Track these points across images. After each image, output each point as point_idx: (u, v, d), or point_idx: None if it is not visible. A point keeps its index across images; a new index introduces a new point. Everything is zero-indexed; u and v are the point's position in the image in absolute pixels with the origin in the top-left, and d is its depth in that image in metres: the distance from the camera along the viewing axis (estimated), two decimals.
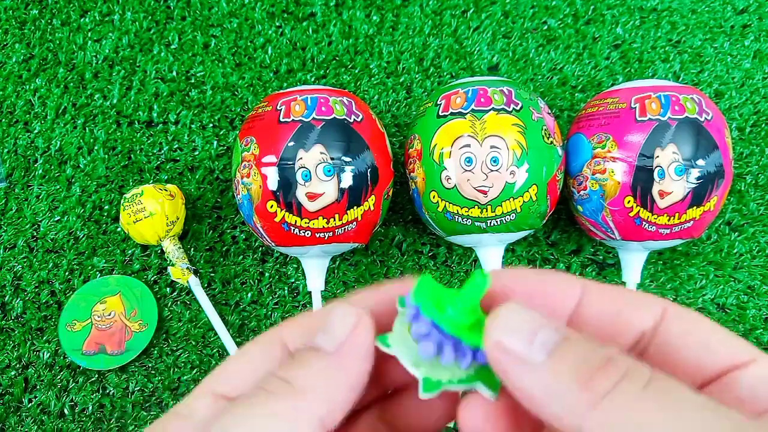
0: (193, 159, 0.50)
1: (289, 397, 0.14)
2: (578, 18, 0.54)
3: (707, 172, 0.38)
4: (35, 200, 0.49)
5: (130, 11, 0.55)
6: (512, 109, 0.39)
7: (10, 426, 0.43)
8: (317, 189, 0.39)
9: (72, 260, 0.47)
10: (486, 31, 0.54)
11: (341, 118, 0.40)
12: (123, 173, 0.50)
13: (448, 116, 0.40)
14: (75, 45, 0.54)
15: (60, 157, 0.50)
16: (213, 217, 0.49)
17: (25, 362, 0.45)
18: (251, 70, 0.53)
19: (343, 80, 0.53)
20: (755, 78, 0.52)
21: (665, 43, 0.54)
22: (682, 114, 0.39)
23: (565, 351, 0.14)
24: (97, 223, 0.49)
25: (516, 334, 0.14)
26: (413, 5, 0.55)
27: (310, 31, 0.54)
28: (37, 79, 0.53)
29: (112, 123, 0.51)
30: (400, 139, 0.51)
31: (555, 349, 0.14)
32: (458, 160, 0.39)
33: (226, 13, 0.55)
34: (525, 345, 0.14)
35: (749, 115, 0.51)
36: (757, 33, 0.54)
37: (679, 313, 0.15)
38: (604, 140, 0.40)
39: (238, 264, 0.47)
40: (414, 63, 0.53)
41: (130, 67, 0.53)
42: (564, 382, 0.13)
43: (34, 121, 0.52)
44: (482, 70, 0.53)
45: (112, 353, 0.44)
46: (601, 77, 0.52)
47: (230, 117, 0.52)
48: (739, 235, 0.48)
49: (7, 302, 0.46)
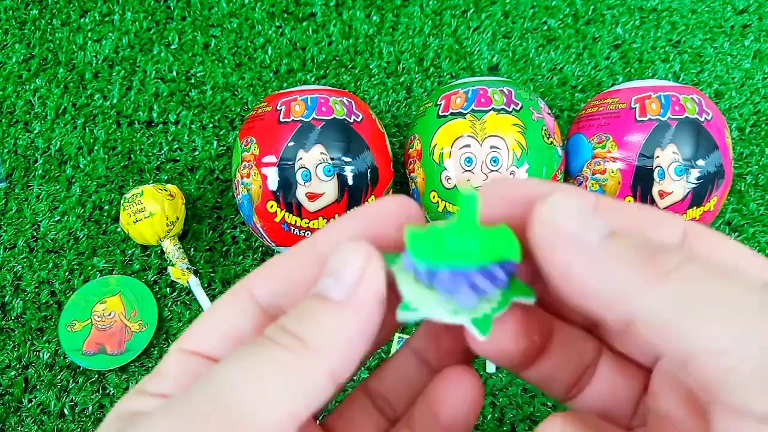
0: (193, 159, 0.50)
1: (301, 353, 0.13)
2: (578, 18, 0.54)
3: (707, 172, 0.38)
4: (35, 200, 0.49)
5: (130, 11, 0.55)
6: (512, 109, 0.39)
7: (10, 426, 0.43)
8: (317, 189, 0.39)
9: (72, 260, 0.47)
10: (486, 31, 0.54)
11: (341, 118, 0.40)
12: (123, 173, 0.50)
13: (448, 116, 0.40)
14: (75, 45, 0.54)
15: (60, 157, 0.50)
16: (213, 217, 0.49)
17: (25, 362, 0.45)
18: (251, 70, 0.53)
19: (343, 80, 0.53)
20: (755, 78, 0.52)
21: (665, 43, 0.54)
22: (682, 114, 0.39)
23: (621, 235, 0.13)
24: (97, 223, 0.49)
25: (571, 214, 0.13)
26: (413, 5, 0.55)
27: (310, 31, 0.54)
28: (37, 79, 0.53)
29: (112, 123, 0.51)
30: (400, 139, 0.51)
31: (610, 233, 0.13)
32: (458, 160, 0.39)
33: (226, 13, 0.55)
34: (581, 224, 0.13)
35: (749, 115, 0.51)
36: (757, 33, 0.54)
37: (702, 233, 0.14)
38: (604, 140, 0.40)
39: (238, 264, 0.47)
40: (414, 63, 0.53)
41: (130, 67, 0.53)
42: (623, 262, 0.12)
43: (34, 121, 0.52)
44: (482, 70, 0.53)
45: (112, 353, 0.44)
46: (601, 77, 0.52)
47: (230, 117, 0.52)
48: (739, 235, 0.48)
49: (7, 302, 0.46)
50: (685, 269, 0.12)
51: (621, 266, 0.12)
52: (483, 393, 0.17)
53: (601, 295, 0.13)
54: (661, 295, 0.12)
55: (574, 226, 0.13)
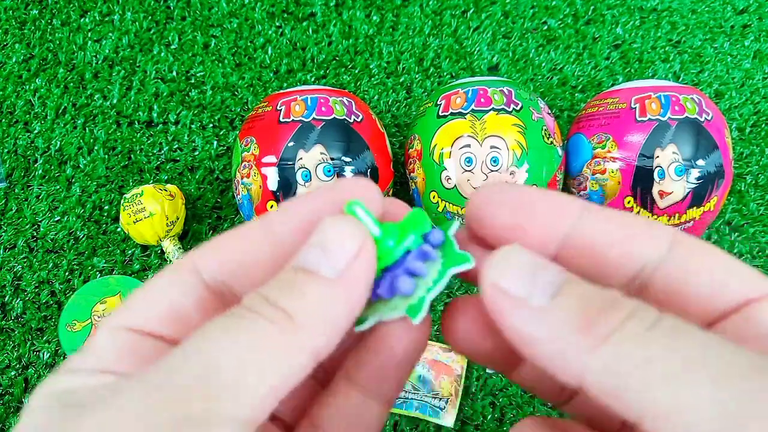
0: (193, 159, 0.50)
1: (287, 328, 0.13)
2: (578, 18, 0.54)
3: (707, 172, 0.38)
4: (35, 200, 0.49)
5: (130, 11, 0.55)
6: (512, 109, 0.39)
7: (10, 426, 0.43)
8: None
9: (72, 260, 0.47)
10: (486, 31, 0.54)
11: (341, 119, 0.40)
12: (123, 173, 0.50)
13: (448, 116, 0.40)
14: (75, 45, 0.54)
15: (60, 157, 0.50)
16: (213, 217, 0.49)
17: (25, 362, 0.45)
18: (251, 70, 0.53)
19: (343, 80, 0.53)
20: (755, 78, 0.52)
21: (665, 43, 0.54)
22: (682, 114, 0.39)
23: (568, 294, 0.13)
24: (97, 223, 0.49)
25: (517, 275, 0.13)
26: (413, 5, 0.55)
27: (310, 31, 0.54)
28: (37, 79, 0.53)
29: (112, 123, 0.51)
30: (400, 139, 0.51)
31: (558, 289, 0.13)
32: (458, 160, 0.39)
33: (226, 13, 0.55)
34: (526, 286, 0.13)
35: (749, 115, 0.51)
36: (757, 33, 0.54)
37: (688, 244, 0.14)
38: (604, 140, 0.40)
39: None
40: (414, 63, 0.53)
41: (130, 67, 0.53)
42: (567, 325, 0.12)
43: (34, 121, 0.51)
44: (482, 70, 0.53)
45: None
46: (601, 77, 0.52)
47: (230, 117, 0.52)
48: (739, 235, 0.48)
49: (7, 302, 0.46)
50: (622, 333, 0.12)
51: (565, 329, 0.12)
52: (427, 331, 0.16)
53: (552, 357, 0.13)
54: (597, 366, 0.12)
55: (519, 290, 0.13)
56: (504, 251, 0.14)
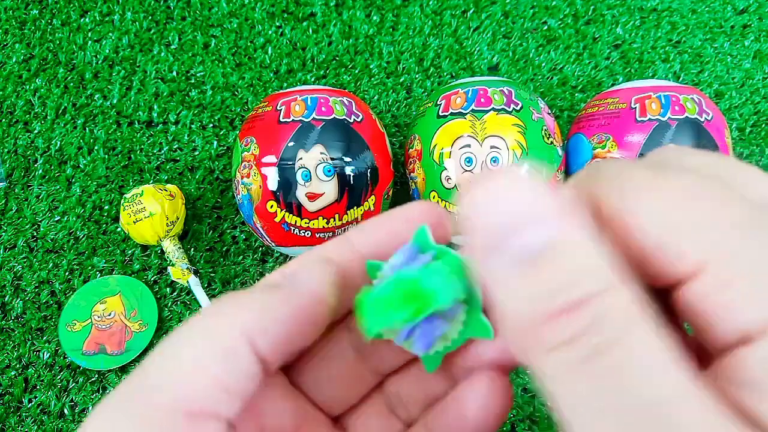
0: (193, 159, 0.50)
1: (214, 315, 0.14)
2: (578, 18, 0.54)
3: None
4: (35, 200, 0.49)
5: (130, 11, 0.55)
6: (512, 109, 0.39)
7: (10, 426, 0.43)
8: (317, 189, 0.39)
9: (72, 260, 0.47)
10: (486, 31, 0.54)
11: (341, 119, 0.40)
12: (123, 173, 0.50)
13: (448, 116, 0.40)
14: (75, 45, 0.54)
15: (60, 157, 0.50)
16: (213, 217, 0.49)
17: (25, 362, 0.45)
18: (251, 70, 0.53)
19: (343, 80, 0.53)
20: (755, 78, 0.52)
21: (665, 43, 0.54)
22: (682, 114, 0.39)
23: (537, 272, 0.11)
24: (97, 223, 0.49)
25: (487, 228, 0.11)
26: (413, 5, 0.55)
27: (310, 31, 0.54)
28: (37, 79, 0.53)
29: (112, 123, 0.51)
30: (400, 139, 0.51)
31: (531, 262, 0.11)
32: (458, 160, 0.39)
33: (226, 13, 0.55)
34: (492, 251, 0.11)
35: (749, 115, 0.51)
36: (757, 33, 0.54)
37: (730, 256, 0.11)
38: (604, 140, 0.40)
39: (238, 264, 0.47)
40: (414, 63, 0.53)
41: (130, 67, 0.53)
42: (518, 318, 0.11)
43: (34, 121, 0.51)
44: (482, 70, 0.53)
45: (112, 353, 0.44)
46: (601, 77, 0.52)
47: (230, 117, 0.52)
48: None
49: (7, 302, 0.46)
50: (559, 353, 0.10)
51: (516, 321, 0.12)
52: (510, 397, 0.16)
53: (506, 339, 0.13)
54: (541, 371, 0.11)
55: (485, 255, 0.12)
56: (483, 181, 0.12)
